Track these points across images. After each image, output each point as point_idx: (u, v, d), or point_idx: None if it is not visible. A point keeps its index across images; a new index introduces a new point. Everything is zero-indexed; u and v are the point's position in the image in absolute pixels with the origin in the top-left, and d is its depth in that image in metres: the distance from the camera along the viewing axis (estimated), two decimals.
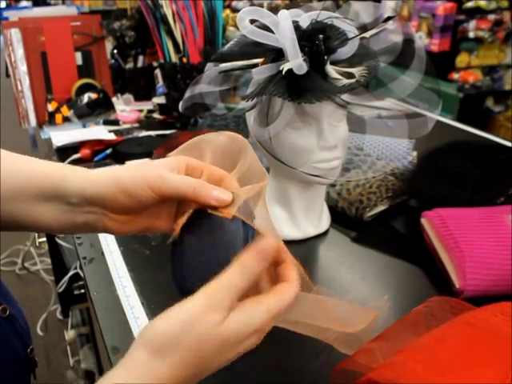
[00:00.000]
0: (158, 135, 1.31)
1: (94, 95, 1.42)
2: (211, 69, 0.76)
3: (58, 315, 2.06)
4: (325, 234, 0.87)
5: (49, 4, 4.17)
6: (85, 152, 1.19)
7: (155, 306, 0.69)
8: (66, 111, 1.40)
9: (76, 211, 0.47)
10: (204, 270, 0.44)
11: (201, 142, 0.49)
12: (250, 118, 0.77)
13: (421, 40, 3.11)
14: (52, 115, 1.41)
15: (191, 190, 0.44)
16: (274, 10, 0.71)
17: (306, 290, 0.48)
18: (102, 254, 0.82)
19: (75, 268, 1.64)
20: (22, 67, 1.42)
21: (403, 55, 0.71)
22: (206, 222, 0.45)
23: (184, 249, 0.46)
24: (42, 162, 0.49)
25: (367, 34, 0.71)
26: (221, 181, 0.46)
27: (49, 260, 1.99)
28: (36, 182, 0.46)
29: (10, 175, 0.46)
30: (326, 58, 0.68)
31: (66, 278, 1.72)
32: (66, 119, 1.40)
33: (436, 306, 0.50)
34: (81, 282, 1.77)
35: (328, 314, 0.49)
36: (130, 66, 1.57)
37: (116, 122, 1.41)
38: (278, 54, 0.70)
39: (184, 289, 0.45)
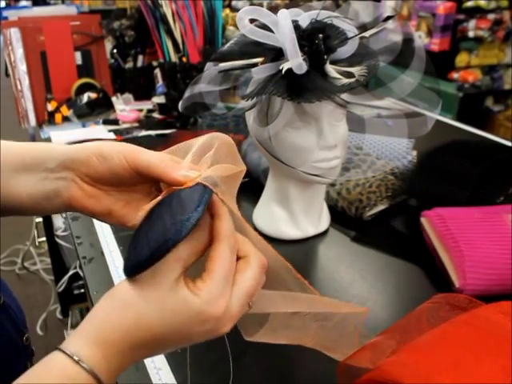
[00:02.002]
0: (157, 135, 1.31)
1: (93, 95, 1.42)
2: (211, 68, 0.76)
3: (58, 315, 2.05)
4: (324, 233, 0.87)
5: (48, 3, 4.17)
6: None
7: None
8: (65, 111, 1.40)
9: (49, 178, 0.47)
10: (147, 239, 0.40)
11: (185, 145, 0.49)
12: (250, 117, 0.77)
13: (420, 39, 3.11)
14: (52, 115, 1.41)
15: (162, 163, 0.44)
16: (274, 9, 0.71)
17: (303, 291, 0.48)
18: (102, 253, 0.82)
19: (75, 268, 1.64)
20: (22, 67, 1.42)
21: (403, 55, 0.71)
22: (168, 197, 0.43)
23: (139, 229, 0.42)
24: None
25: (367, 34, 0.71)
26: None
27: (48, 260, 1.98)
28: (17, 153, 0.47)
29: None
30: (325, 57, 0.68)
31: (66, 277, 1.73)
32: (65, 119, 1.40)
33: (441, 302, 0.50)
34: (80, 282, 1.77)
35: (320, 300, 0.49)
36: (129, 65, 1.57)
37: (116, 122, 1.41)
38: (277, 54, 0.70)
39: (127, 266, 0.41)
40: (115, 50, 1.57)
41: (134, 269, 0.40)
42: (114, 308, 0.39)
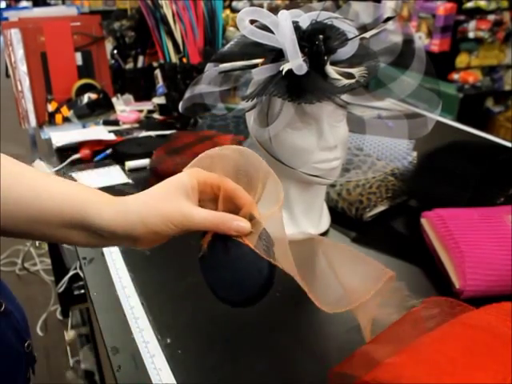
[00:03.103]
0: (157, 135, 1.31)
1: (93, 95, 1.42)
2: (211, 69, 0.76)
3: (58, 315, 2.06)
4: (325, 234, 0.87)
5: (49, 4, 4.17)
6: (85, 152, 1.19)
7: (155, 306, 0.69)
8: (65, 111, 1.40)
9: (107, 239, 0.48)
10: (224, 284, 0.49)
11: (211, 157, 0.51)
12: (250, 118, 0.77)
13: (420, 40, 3.11)
14: (52, 115, 1.41)
15: (213, 225, 0.48)
16: (274, 10, 0.71)
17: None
18: (102, 254, 0.82)
19: (75, 268, 1.64)
20: (22, 67, 1.42)
21: (403, 55, 0.71)
22: (230, 245, 0.48)
23: (210, 265, 0.51)
24: (58, 187, 0.48)
25: (367, 35, 0.71)
26: (234, 194, 0.49)
27: (49, 260, 1.98)
28: (58, 212, 0.46)
29: (33, 197, 0.46)
30: (325, 58, 0.68)
31: (66, 278, 1.72)
32: (65, 119, 1.40)
33: (433, 306, 0.50)
34: (81, 283, 1.77)
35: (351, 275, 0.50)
36: (129, 66, 1.57)
37: (116, 123, 1.41)
38: (277, 55, 0.70)
39: (218, 297, 0.51)
40: (115, 51, 1.57)
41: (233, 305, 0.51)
42: None
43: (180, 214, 0.47)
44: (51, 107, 1.42)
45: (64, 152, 1.21)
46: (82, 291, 1.78)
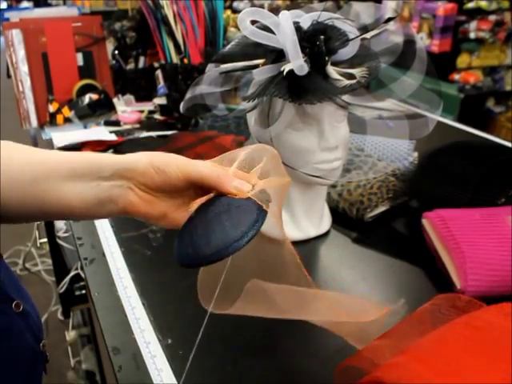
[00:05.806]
0: (158, 136, 1.31)
1: (94, 96, 1.43)
2: (212, 70, 0.76)
3: (59, 316, 2.06)
4: (326, 234, 0.87)
5: (50, 5, 4.18)
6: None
7: (156, 306, 0.69)
8: (67, 112, 1.41)
9: (103, 186, 0.49)
10: (205, 242, 0.45)
11: (231, 155, 0.52)
12: (251, 118, 0.77)
13: (422, 41, 3.11)
14: (53, 116, 1.41)
15: (215, 176, 0.48)
16: (275, 10, 0.72)
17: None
18: (103, 254, 0.82)
19: (76, 269, 1.64)
20: (23, 68, 1.43)
21: (404, 56, 0.71)
22: (223, 201, 0.47)
23: (194, 223, 0.48)
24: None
25: (368, 35, 0.71)
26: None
27: (50, 261, 1.98)
28: (70, 162, 0.49)
29: (46, 156, 0.49)
30: (326, 58, 0.68)
31: (67, 278, 1.72)
32: (67, 120, 1.40)
33: (442, 303, 0.50)
34: (82, 283, 1.77)
35: (339, 309, 0.49)
36: (130, 66, 1.57)
37: (117, 123, 1.41)
38: (278, 55, 0.70)
39: (184, 256, 0.46)
40: (116, 51, 1.57)
41: (191, 263, 0.45)
42: None
43: (185, 159, 0.49)
44: (52, 108, 1.42)
45: None
46: (83, 291, 1.78)
